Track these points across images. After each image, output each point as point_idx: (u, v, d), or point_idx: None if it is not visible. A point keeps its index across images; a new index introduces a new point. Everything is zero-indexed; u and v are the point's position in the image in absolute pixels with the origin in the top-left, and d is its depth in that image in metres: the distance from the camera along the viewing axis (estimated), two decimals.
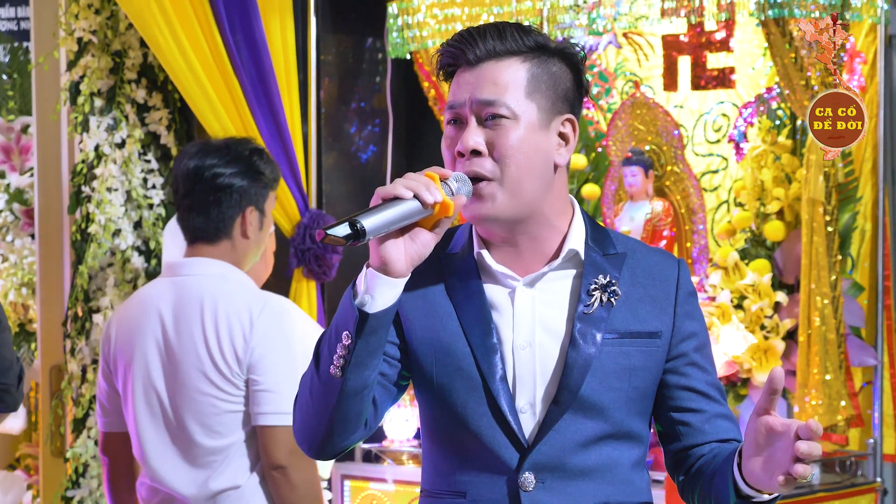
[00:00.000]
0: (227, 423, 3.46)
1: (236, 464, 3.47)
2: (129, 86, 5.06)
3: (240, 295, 3.49)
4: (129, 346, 3.55)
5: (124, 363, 3.57)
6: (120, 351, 3.58)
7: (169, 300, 3.53)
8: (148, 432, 3.53)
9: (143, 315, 3.56)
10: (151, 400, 3.52)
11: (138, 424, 3.54)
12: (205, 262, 3.55)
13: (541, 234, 2.40)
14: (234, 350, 3.43)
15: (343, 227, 2.14)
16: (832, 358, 4.80)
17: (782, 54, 4.75)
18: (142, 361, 3.53)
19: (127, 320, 3.60)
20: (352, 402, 2.30)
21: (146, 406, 3.53)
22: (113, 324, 3.63)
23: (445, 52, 2.39)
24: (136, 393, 3.53)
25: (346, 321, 2.24)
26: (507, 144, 2.33)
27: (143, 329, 3.54)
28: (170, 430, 3.51)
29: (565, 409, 2.35)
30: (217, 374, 3.45)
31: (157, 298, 3.56)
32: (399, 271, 2.23)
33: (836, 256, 4.87)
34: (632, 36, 5.47)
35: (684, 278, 2.46)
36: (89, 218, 4.97)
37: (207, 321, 3.46)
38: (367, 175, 5.57)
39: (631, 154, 5.25)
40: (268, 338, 3.45)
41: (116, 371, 3.59)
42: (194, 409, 3.47)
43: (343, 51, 5.64)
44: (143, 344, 3.53)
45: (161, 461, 3.52)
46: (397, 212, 2.19)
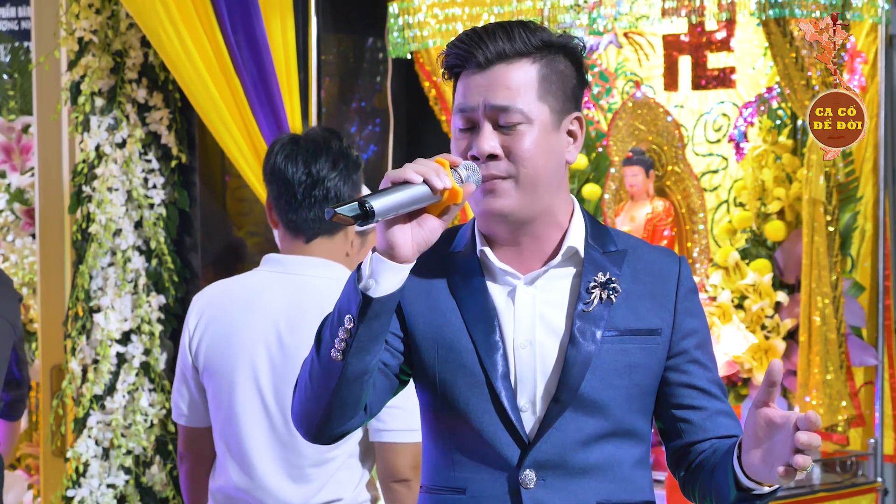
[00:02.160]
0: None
1: (341, 476, 3.37)
2: (130, 85, 5.06)
3: None
4: (230, 343, 3.36)
5: (221, 361, 3.37)
6: (215, 348, 3.38)
7: (283, 300, 3.36)
8: (254, 438, 3.35)
9: (251, 312, 3.37)
10: (258, 404, 3.33)
11: (242, 429, 3.35)
12: (323, 264, 3.41)
13: (544, 233, 2.40)
14: None
15: (352, 206, 2.13)
16: (833, 358, 4.80)
17: (783, 54, 4.75)
18: (247, 362, 3.33)
19: (226, 314, 3.39)
20: (352, 387, 2.30)
21: (253, 410, 3.34)
22: (204, 315, 3.42)
23: (452, 52, 2.38)
24: (240, 395, 3.34)
25: (350, 305, 2.24)
26: (524, 148, 2.33)
27: (251, 327, 3.35)
28: (279, 438, 3.34)
29: (565, 406, 2.35)
30: None
31: (267, 296, 3.37)
32: (405, 256, 2.22)
33: (836, 256, 4.87)
34: (632, 36, 5.48)
35: (685, 275, 2.46)
36: (90, 218, 4.97)
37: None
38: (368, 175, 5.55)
39: (632, 154, 5.26)
40: None
41: (207, 368, 3.40)
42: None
43: (344, 50, 5.65)
44: (250, 344, 3.34)
45: (266, 468, 3.34)
46: (406, 196, 2.18)
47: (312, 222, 3.40)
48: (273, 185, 3.42)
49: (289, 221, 3.40)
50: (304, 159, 3.39)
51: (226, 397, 3.36)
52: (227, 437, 3.38)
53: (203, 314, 3.42)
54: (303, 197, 3.38)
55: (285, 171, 3.39)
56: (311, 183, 3.38)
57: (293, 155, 3.40)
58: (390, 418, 3.29)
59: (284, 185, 3.39)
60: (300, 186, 3.38)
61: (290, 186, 3.38)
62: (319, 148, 3.40)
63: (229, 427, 3.36)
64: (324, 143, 3.42)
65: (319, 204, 3.38)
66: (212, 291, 3.48)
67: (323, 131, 3.49)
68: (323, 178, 3.38)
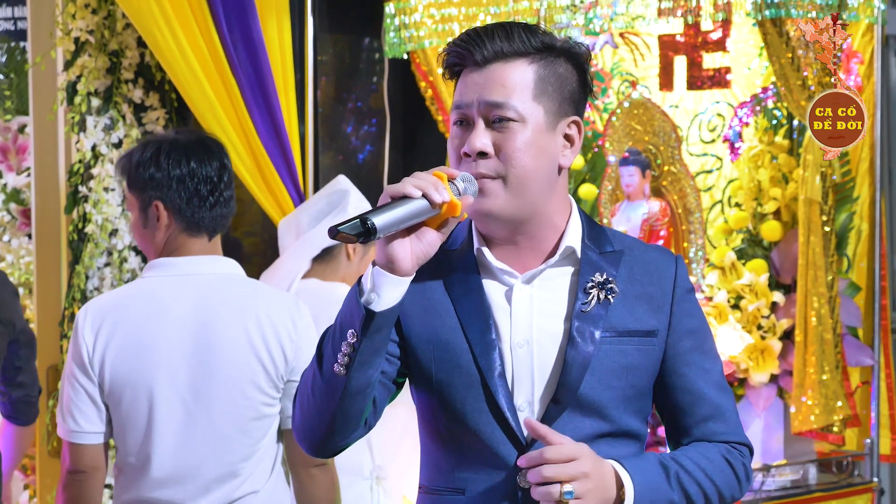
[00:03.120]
0: (262, 427, 3.38)
1: (261, 467, 3.41)
2: (126, 85, 5.06)
3: (271, 294, 3.43)
4: (144, 354, 3.32)
5: (135, 374, 3.32)
6: (125, 361, 3.33)
7: (188, 302, 3.35)
8: (182, 446, 3.32)
9: (158, 320, 3.34)
10: (181, 410, 3.31)
11: (167, 438, 3.32)
12: (217, 260, 3.44)
13: (540, 234, 2.41)
14: (283, 353, 3.35)
15: (355, 224, 2.15)
16: (829, 358, 4.81)
17: (779, 54, 4.75)
18: (167, 370, 3.31)
19: (131, 325, 3.35)
20: (355, 401, 2.30)
21: (177, 417, 3.31)
22: (103, 328, 3.35)
23: (452, 51, 2.39)
24: (161, 405, 3.31)
25: (352, 319, 2.24)
26: (514, 147, 2.34)
27: (164, 335, 3.32)
28: (207, 441, 3.33)
29: (564, 407, 2.35)
30: (266, 379, 3.33)
31: (171, 301, 3.35)
32: (405, 270, 2.24)
33: (832, 256, 4.87)
34: (628, 36, 5.48)
35: (681, 275, 2.46)
36: (86, 218, 4.97)
37: (251, 324, 3.33)
38: (364, 174, 5.57)
39: (628, 154, 5.26)
40: (310, 338, 3.40)
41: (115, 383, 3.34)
42: (233, 415, 3.32)
43: (340, 51, 5.65)
44: (166, 352, 3.31)
45: (196, 472, 3.33)
46: (406, 210, 2.20)
47: (217, 219, 3.44)
48: (179, 185, 3.41)
49: (193, 221, 3.42)
50: (201, 158, 3.44)
51: (144, 409, 3.33)
52: (148, 448, 3.34)
53: (101, 327, 3.35)
54: (209, 194, 3.42)
55: (196, 171, 3.42)
56: (217, 180, 3.43)
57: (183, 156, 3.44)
58: None
59: (195, 184, 3.42)
60: (207, 183, 3.42)
61: (202, 185, 3.41)
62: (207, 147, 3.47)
63: (150, 439, 3.33)
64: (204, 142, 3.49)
65: (224, 200, 3.45)
66: (104, 303, 3.42)
67: (196, 132, 3.59)
68: (221, 175, 3.45)
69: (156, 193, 3.41)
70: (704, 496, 2.39)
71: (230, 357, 3.32)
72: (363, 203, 4.60)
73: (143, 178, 3.41)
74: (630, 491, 2.30)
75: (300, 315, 3.41)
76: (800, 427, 4.85)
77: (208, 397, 3.32)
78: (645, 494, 2.31)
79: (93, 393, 3.37)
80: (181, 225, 3.41)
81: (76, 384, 3.37)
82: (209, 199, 3.42)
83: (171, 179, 3.40)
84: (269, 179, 5.00)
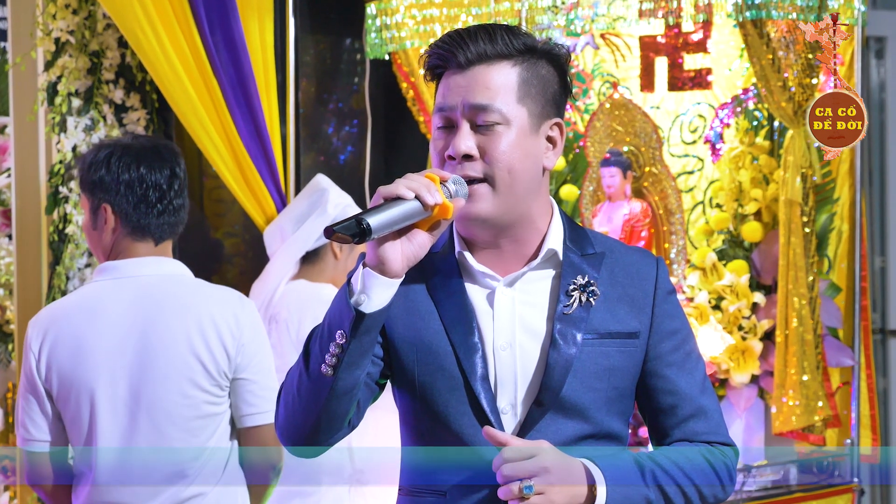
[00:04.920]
0: (208, 427, 3.42)
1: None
2: (107, 86, 5.05)
3: (214, 292, 3.45)
4: (83, 359, 3.33)
5: (76, 380, 3.33)
6: (67, 367, 3.34)
7: (125, 304, 3.36)
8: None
9: (96, 324, 3.35)
10: (125, 413, 3.32)
11: (109, 442, 3.33)
12: (160, 261, 3.45)
13: (523, 236, 2.41)
14: (224, 350, 3.37)
15: (350, 224, 2.17)
16: (809, 358, 4.82)
17: (760, 55, 4.76)
18: (107, 374, 3.32)
19: (71, 332, 3.36)
20: (341, 402, 2.30)
21: (120, 421, 3.33)
22: (47, 337, 3.37)
23: (434, 53, 2.39)
24: (104, 409, 3.32)
25: (341, 320, 2.25)
26: (499, 149, 2.34)
27: (100, 338, 3.34)
28: (153, 443, 3.34)
29: (547, 409, 2.36)
30: (206, 377, 3.35)
31: (110, 305, 3.37)
32: (395, 271, 2.24)
33: (813, 257, 4.88)
34: (609, 37, 5.49)
35: (662, 277, 2.47)
36: (67, 219, 4.95)
37: (190, 323, 3.35)
38: (346, 175, 5.56)
39: (609, 155, 5.26)
40: (256, 335, 3.42)
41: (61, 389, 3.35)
42: (174, 415, 3.33)
43: (321, 51, 5.64)
44: (105, 355, 3.33)
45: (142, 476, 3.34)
46: (399, 211, 2.21)
47: (165, 226, 3.46)
48: (127, 190, 3.43)
49: (139, 226, 3.44)
50: (151, 165, 3.46)
51: (86, 414, 3.34)
52: (93, 452, 3.35)
53: (46, 336, 3.39)
54: (158, 201, 3.45)
55: (145, 177, 3.44)
56: (167, 187, 3.45)
57: (133, 161, 3.45)
58: (259, 401, 3.37)
59: (143, 190, 3.43)
60: (156, 190, 3.44)
61: (150, 191, 3.43)
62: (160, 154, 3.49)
63: (93, 442, 3.34)
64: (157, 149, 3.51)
65: (174, 209, 3.47)
66: (49, 313, 3.45)
67: (152, 138, 3.61)
68: (171, 183, 3.47)
69: (104, 196, 3.44)
70: (683, 495, 2.39)
71: (169, 356, 3.33)
72: (343, 199, 4.61)
73: (94, 179, 3.44)
74: (602, 487, 2.30)
75: (245, 312, 3.42)
76: (781, 428, 4.86)
77: (149, 398, 3.33)
78: (618, 491, 2.32)
79: (43, 402, 3.39)
80: (126, 229, 3.44)
81: (27, 395, 3.41)
82: (157, 205, 3.44)
83: (120, 184, 3.43)
84: (251, 180, 4.99)
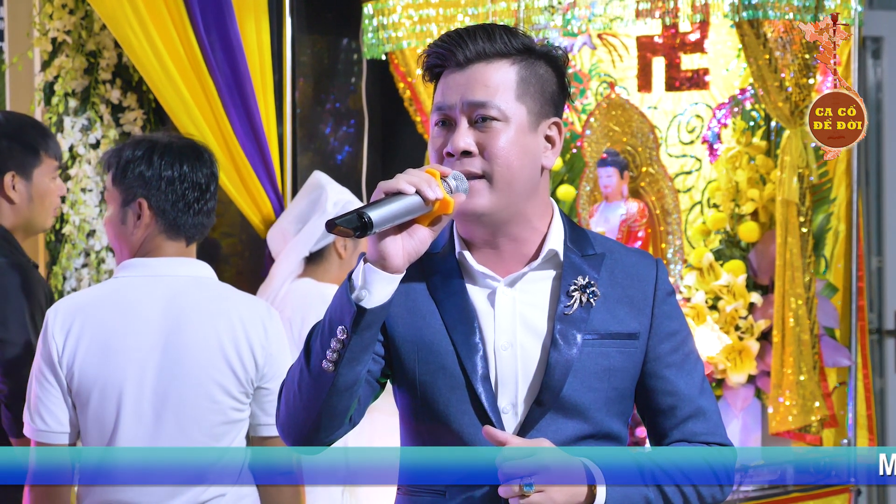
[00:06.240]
0: (231, 433, 3.36)
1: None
2: (104, 86, 5.04)
3: (243, 299, 3.41)
4: (113, 355, 3.29)
5: (104, 374, 3.30)
6: (93, 361, 3.30)
7: (160, 303, 3.33)
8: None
9: (129, 320, 3.32)
10: (150, 413, 3.29)
11: (133, 441, 3.29)
12: (190, 262, 3.43)
13: (521, 236, 2.41)
14: (254, 358, 3.33)
15: (351, 218, 2.17)
16: (806, 358, 4.82)
17: (756, 55, 4.76)
18: (136, 371, 3.29)
19: (101, 325, 3.32)
20: (342, 398, 2.31)
21: (146, 420, 3.29)
22: (73, 329, 3.32)
23: (433, 52, 2.40)
24: (129, 406, 3.28)
25: (342, 315, 2.25)
26: (498, 146, 2.35)
27: (134, 335, 3.31)
28: (171, 443, 3.31)
29: (547, 409, 2.36)
30: (236, 383, 3.32)
31: (142, 301, 3.34)
32: (396, 266, 2.25)
33: (810, 257, 4.88)
34: (606, 37, 5.49)
35: (662, 278, 2.48)
36: (63, 219, 4.95)
37: (222, 329, 3.32)
38: (343, 175, 5.56)
39: (606, 155, 5.26)
40: (282, 346, 3.40)
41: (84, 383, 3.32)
42: (200, 420, 3.30)
43: (318, 51, 5.64)
44: (136, 353, 3.30)
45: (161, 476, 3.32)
46: (400, 206, 2.22)
47: (198, 227, 3.45)
48: (168, 187, 3.41)
49: (174, 224, 3.41)
50: (193, 164, 3.45)
51: (112, 411, 3.31)
52: (113, 454, 3.32)
53: (72, 327, 3.33)
54: (196, 200, 3.43)
55: (188, 176, 3.42)
56: (206, 188, 3.45)
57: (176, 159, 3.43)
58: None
59: (184, 188, 3.42)
60: (195, 189, 3.43)
61: (190, 190, 3.42)
62: (200, 154, 3.48)
63: (116, 441, 3.31)
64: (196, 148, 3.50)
65: (208, 210, 3.46)
66: (73, 303, 3.39)
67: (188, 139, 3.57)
68: (209, 184, 3.46)
69: (142, 192, 3.40)
70: (682, 495, 2.40)
71: (200, 360, 3.31)
72: (341, 195, 4.61)
73: (133, 174, 3.40)
74: (601, 486, 2.31)
75: (272, 321, 3.40)
76: (777, 427, 4.86)
77: (176, 401, 3.30)
78: (617, 490, 2.32)
79: (64, 394, 3.34)
80: (161, 226, 3.40)
81: (45, 384, 3.34)
82: (195, 205, 3.42)
83: (161, 180, 3.39)
84: (248, 181, 4.99)
